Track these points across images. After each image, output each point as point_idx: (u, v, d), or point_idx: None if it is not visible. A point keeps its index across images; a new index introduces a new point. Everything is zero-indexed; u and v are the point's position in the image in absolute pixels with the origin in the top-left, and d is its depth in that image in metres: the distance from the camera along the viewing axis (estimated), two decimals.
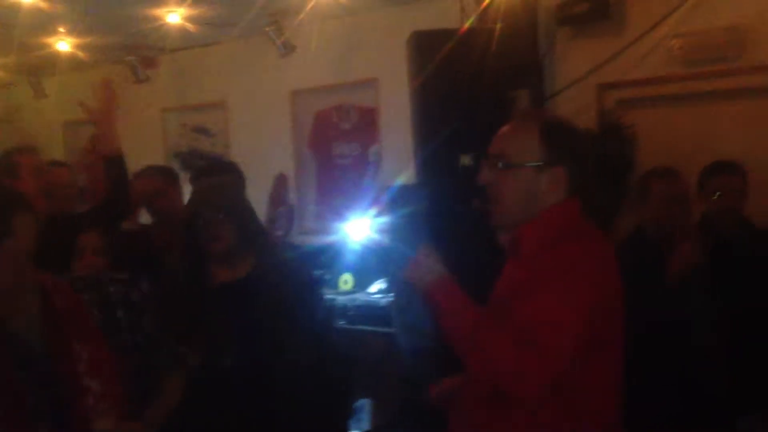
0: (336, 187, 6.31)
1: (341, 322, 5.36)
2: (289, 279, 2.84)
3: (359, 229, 4.49)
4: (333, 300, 5.44)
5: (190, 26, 5.69)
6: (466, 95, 4.32)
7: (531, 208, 2.02)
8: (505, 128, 2.10)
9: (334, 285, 5.74)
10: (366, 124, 6.14)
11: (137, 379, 2.82)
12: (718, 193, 3.63)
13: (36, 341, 2.12)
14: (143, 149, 5.87)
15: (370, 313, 5.33)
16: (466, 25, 4.45)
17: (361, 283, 5.71)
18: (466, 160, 4.34)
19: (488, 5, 4.56)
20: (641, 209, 3.69)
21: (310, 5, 5.18)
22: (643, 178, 3.77)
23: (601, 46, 4.85)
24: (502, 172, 2.01)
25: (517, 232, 2.05)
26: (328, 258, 4.46)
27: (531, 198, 2.01)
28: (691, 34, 4.54)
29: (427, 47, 4.38)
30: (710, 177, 3.74)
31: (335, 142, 6.31)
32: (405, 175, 5.18)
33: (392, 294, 5.10)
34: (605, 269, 1.94)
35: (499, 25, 4.36)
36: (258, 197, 3.51)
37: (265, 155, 6.21)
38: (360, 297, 5.56)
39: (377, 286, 5.63)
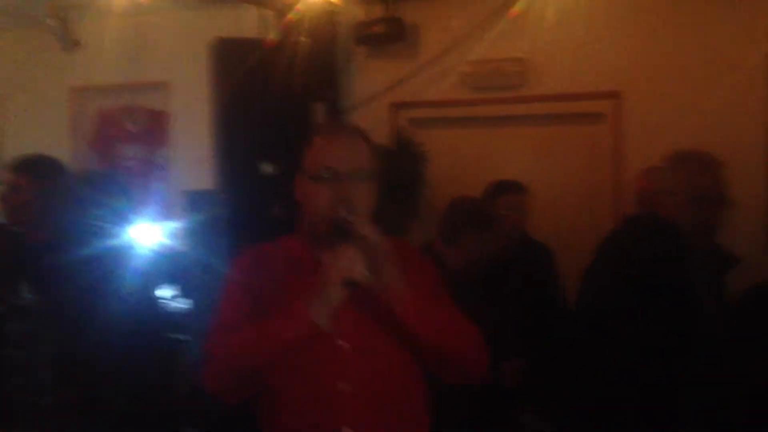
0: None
1: None
2: None
3: (148, 233, 4.37)
4: None
5: None
6: (267, 105, 4.34)
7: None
8: (341, 140, 2.00)
9: None
10: (154, 127, 5.96)
11: None
12: (507, 210, 3.88)
13: None
14: None
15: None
16: (271, 36, 4.45)
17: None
18: (267, 168, 4.36)
19: (291, 20, 4.59)
20: None
21: (102, 1, 4.95)
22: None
23: (396, 66, 5.06)
24: (366, 186, 1.93)
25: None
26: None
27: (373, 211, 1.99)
28: (479, 61, 4.83)
29: (231, 55, 4.35)
30: (496, 196, 3.98)
31: (121, 144, 6.07)
32: (199, 181, 5.10)
33: (183, 300, 4.99)
34: None
35: (303, 39, 4.41)
36: None
37: (42, 151, 5.83)
38: None
39: (165, 292, 5.46)
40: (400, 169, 4.80)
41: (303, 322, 1.77)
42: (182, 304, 4.95)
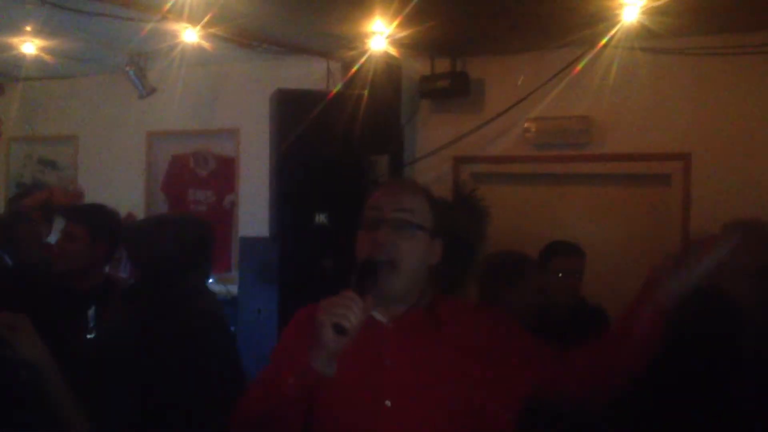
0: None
1: None
2: None
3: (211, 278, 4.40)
4: None
5: (46, 57, 5.48)
6: (327, 156, 4.38)
7: (418, 276, 1.92)
8: (393, 188, 2.03)
9: None
10: (223, 172, 6.07)
11: None
12: (559, 273, 3.76)
13: None
14: None
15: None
16: (335, 89, 4.50)
17: None
18: (320, 218, 4.38)
19: (356, 72, 4.64)
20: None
21: (175, 51, 5.09)
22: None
23: (460, 120, 5.05)
24: (407, 233, 1.88)
25: (436, 305, 1.95)
26: None
27: (422, 265, 1.92)
28: (544, 118, 4.78)
29: (290, 105, 4.42)
30: (549, 258, 3.88)
31: (191, 188, 6.20)
32: (261, 227, 5.16)
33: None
34: None
35: (366, 92, 4.44)
36: None
37: (115, 193, 6.00)
38: None
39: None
40: (460, 223, 4.75)
41: (304, 369, 1.72)
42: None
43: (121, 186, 6.30)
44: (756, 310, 2.63)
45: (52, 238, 3.28)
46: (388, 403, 1.82)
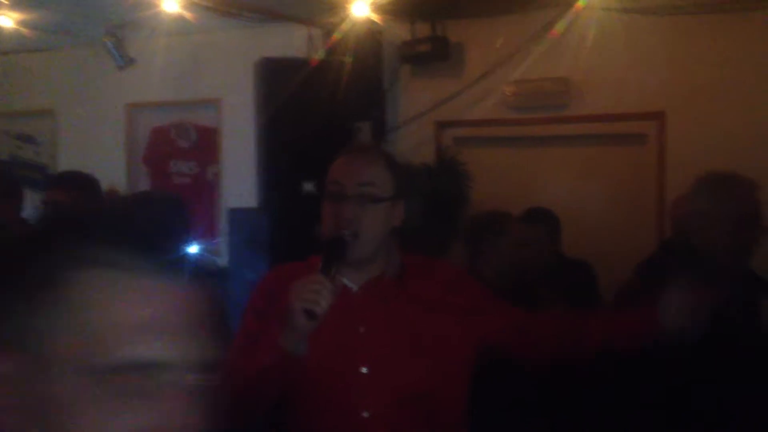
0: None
1: None
2: None
3: (193, 248, 4.44)
4: None
5: (23, 30, 5.44)
6: (311, 124, 4.41)
7: (380, 242, 1.98)
8: (353, 161, 2.03)
9: None
10: (205, 143, 6.09)
11: None
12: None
13: None
14: None
15: None
16: (317, 56, 4.53)
17: None
18: (308, 186, 4.43)
19: (338, 38, 4.67)
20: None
21: (155, 21, 5.09)
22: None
23: (441, 85, 5.10)
24: (368, 206, 1.93)
25: (402, 267, 2.03)
26: None
27: (384, 231, 1.98)
28: (523, 81, 4.85)
29: (275, 74, 4.44)
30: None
31: (172, 159, 6.21)
32: (245, 198, 5.20)
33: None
34: None
35: (349, 58, 4.48)
36: None
37: (95, 167, 5.97)
38: None
39: None
40: (443, 187, 4.83)
41: (276, 349, 1.76)
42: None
43: (102, 159, 6.25)
44: (728, 256, 2.72)
45: (30, 211, 3.32)
46: (364, 369, 1.89)
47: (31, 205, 4.16)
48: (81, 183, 3.39)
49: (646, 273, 3.50)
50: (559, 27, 4.55)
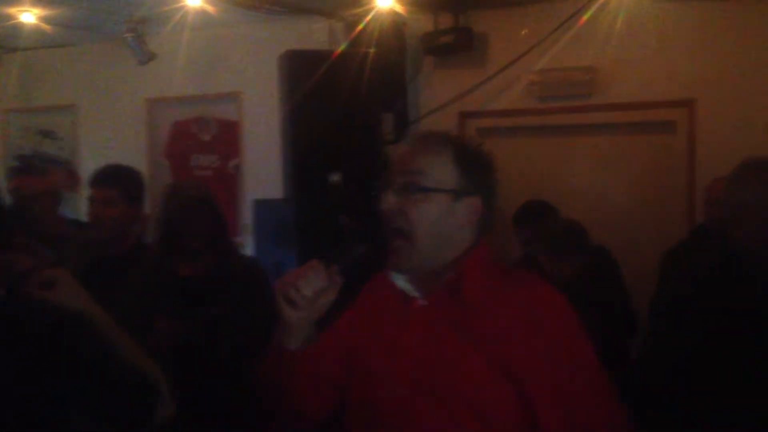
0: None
1: None
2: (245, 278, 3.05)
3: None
4: None
5: (45, 27, 5.44)
6: (335, 115, 4.38)
7: (443, 243, 1.74)
8: (406, 147, 1.83)
9: None
10: (226, 136, 6.08)
11: None
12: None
13: None
14: None
15: None
16: (340, 48, 4.50)
17: None
18: (334, 177, 4.41)
19: (360, 30, 4.65)
20: None
21: (177, 16, 5.08)
22: None
23: (464, 76, 5.07)
24: (416, 197, 1.71)
25: (460, 273, 1.73)
26: None
27: (444, 230, 1.73)
28: (548, 70, 4.81)
29: (300, 66, 4.41)
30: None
31: (193, 154, 6.21)
32: (265, 190, 5.19)
33: None
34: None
35: (372, 50, 4.45)
36: None
37: (116, 161, 6.00)
38: None
39: None
40: None
41: (273, 343, 1.71)
42: None
43: (123, 154, 6.21)
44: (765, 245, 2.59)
45: (76, 209, 3.32)
46: (419, 398, 1.67)
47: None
48: (124, 179, 3.33)
49: (673, 260, 3.48)
50: (586, 15, 4.50)
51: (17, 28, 5.49)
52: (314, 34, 5.26)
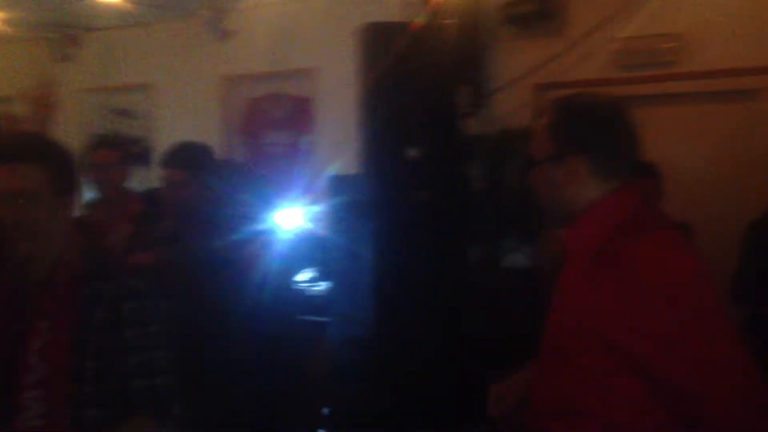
0: (267, 174, 6.24)
1: None
2: None
3: (290, 217, 4.46)
4: None
5: (124, 5, 5.51)
6: (413, 89, 4.34)
7: (566, 204, 1.93)
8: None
9: None
10: (299, 113, 6.09)
11: None
12: None
13: None
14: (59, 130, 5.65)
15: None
16: (419, 20, 4.44)
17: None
18: (411, 152, 4.37)
19: (438, 2, 4.58)
20: None
21: None
22: None
23: (544, 46, 4.95)
24: (534, 173, 1.95)
25: (565, 233, 1.95)
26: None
27: (560, 194, 1.92)
28: (629, 38, 4.68)
29: (378, 39, 4.38)
30: None
31: (267, 130, 6.24)
32: (341, 166, 5.18)
33: (325, 283, 5.09)
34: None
35: (448, 21, 4.39)
36: None
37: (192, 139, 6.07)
38: None
39: (304, 275, 5.58)
40: None
41: None
42: (322, 287, 5.06)
43: (198, 132, 6.31)
44: None
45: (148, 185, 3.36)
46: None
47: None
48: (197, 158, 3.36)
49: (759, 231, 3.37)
50: None
51: (96, 8, 5.57)
52: (387, 7, 5.20)
